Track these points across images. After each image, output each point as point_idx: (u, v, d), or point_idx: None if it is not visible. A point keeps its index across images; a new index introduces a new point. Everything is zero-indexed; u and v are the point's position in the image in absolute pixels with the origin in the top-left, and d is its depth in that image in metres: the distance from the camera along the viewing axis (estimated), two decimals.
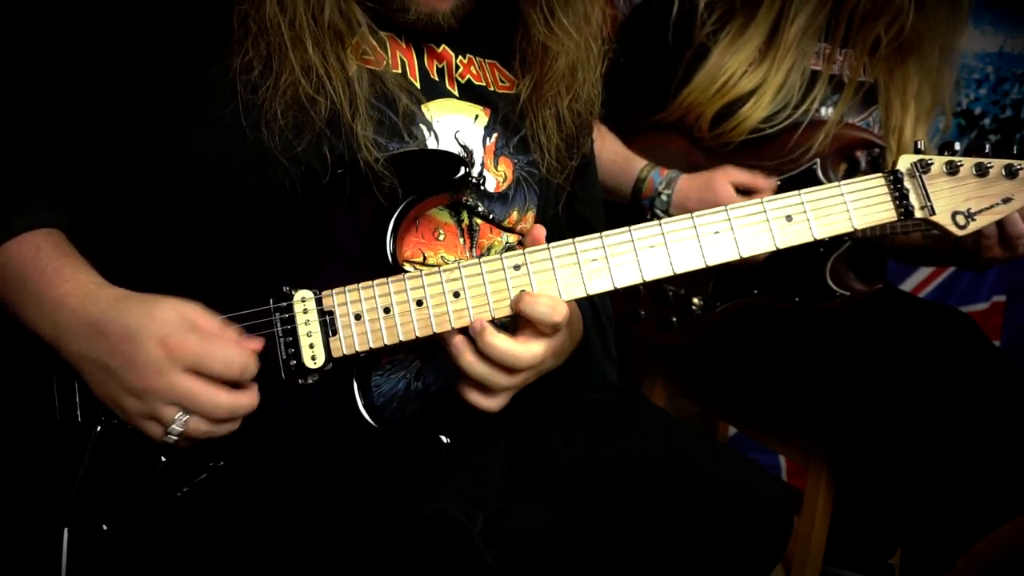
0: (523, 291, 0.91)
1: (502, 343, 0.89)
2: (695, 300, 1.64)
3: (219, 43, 0.91)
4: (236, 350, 0.85)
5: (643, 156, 1.62)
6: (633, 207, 1.61)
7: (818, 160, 1.57)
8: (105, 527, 0.88)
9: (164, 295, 0.86)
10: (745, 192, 1.54)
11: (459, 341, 0.91)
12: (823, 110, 1.62)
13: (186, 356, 0.82)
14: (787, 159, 1.57)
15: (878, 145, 1.62)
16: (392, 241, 0.93)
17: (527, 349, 0.91)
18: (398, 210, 0.94)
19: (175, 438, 0.83)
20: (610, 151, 1.60)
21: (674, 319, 1.65)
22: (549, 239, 1.08)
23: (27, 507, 0.89)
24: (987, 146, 0.99)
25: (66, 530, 0.87)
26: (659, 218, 1.56)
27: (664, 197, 1.56)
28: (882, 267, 1.84)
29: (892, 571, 1.73)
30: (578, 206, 1.22)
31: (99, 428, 0.89)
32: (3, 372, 0.92)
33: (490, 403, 0.93)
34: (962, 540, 1.58)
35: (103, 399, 0.85)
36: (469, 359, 0.90)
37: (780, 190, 1.57)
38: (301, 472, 0.91)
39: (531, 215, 1.12)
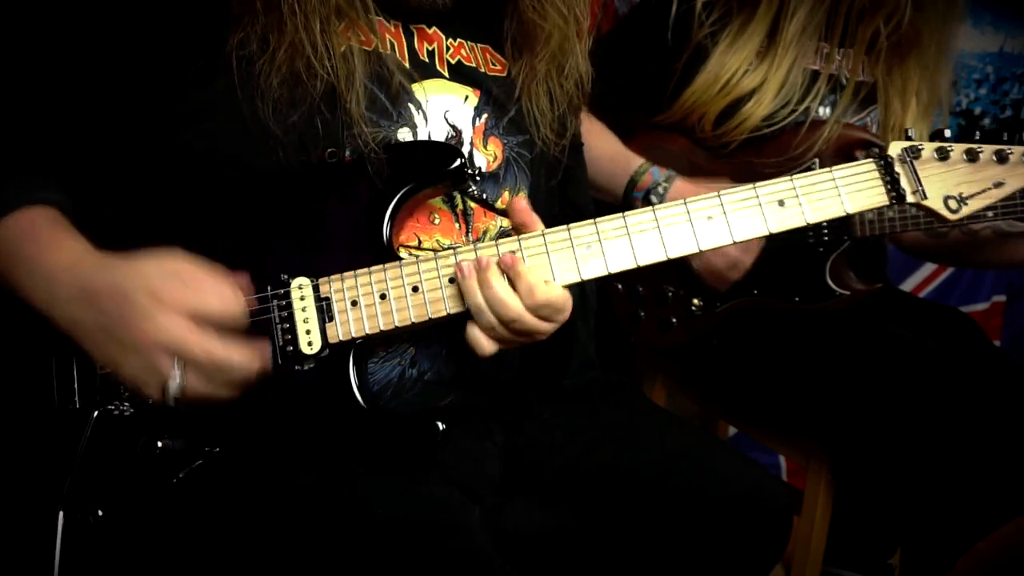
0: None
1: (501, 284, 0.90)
2: (695, 301, 1.63)
3: (216, 20, 0.92)
4: (227, 286, 0.85)
5: (643, 156, 1.61)
6: (623, 203, 1.61)
7: (817, 160, 1.57)
8: (100, 512, 0.88)
9: (154, 252, 0.86)
10: None
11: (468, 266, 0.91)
12: (822, 109, 1.62)
13: (176, 301, 0.82)
14: (787, 159, 1.57)
15: (877, 145, 1.61)
16: (389, 228, 0.94)
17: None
18: (395, 199, 0.95)
19: (176, 394, 0.82)
20: (609, 149, 1.60)
21: (674, 320, 1.65)
22: (546, 211, 1.07)
23: (23, 491, 0.90)
24: (977, 133, 1.01)
25: (61, 514, 0.87)
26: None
27: (660, 190, 1.56)
28: (882, 267, 1.84)
29: (892, 571, 1.73)
30: (570, 189, 1.24)
31: (96, 414, 0.90)
32: (2, 357, 0.93)
33: (491, 348, 0.92)
34: (962, 540, 1.59)
35: (104, 363, 0.86)
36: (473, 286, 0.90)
37: None
38: (297, 459, 0.91)
39: (523, 195, 1.12)
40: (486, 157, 1.09)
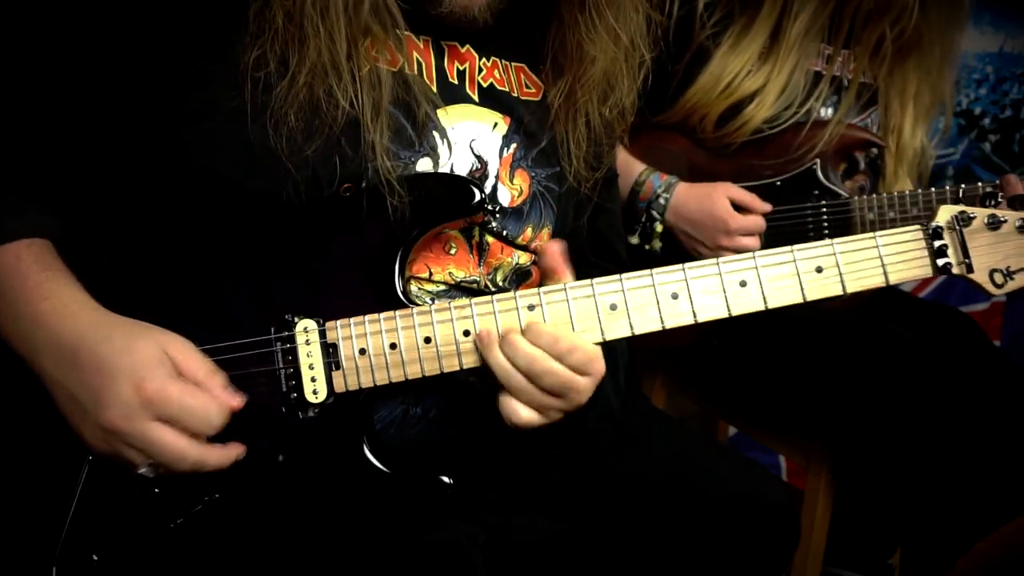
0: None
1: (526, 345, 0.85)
2: None
3: (231, 37, 0.86)
4: (217, 406, 0.80)
5: (644, 156, 1.61)
6: (628, 210, 1.60)
7: (818, 160, 1.57)
8: (96, 557, 0.84)
9: (149, 325, 0.82)
10: (740, 210, 1.54)
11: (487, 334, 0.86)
12: (823, 111, 1.62)
13: (162, 406, 0.77)
14: (788, 159, 1.57)
15: (877, 145, 1.62)
16: (401, 278, 0.89)
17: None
18: (407, 239, 0.90)
19: (142, 475, 0.81)
20: None
21: None
22: (572, 246, 1.00)
23: (16, 538, 0.85)
24: None
25: (55, 568, 0.83)
26: (655, 221, 1.57)
27: (662, 201, 1.56)
28: None
29: (892, 571, 1.73)
30: (600, 222, 1.18)
31: (91, 457, 0.85)
32: None
33: (528, 416, 0.88)
34: (962, 540, 1.59)
35: (70, 425, 0.82)
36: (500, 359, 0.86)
37: (780, 190, 1.57)
38: (298, 506, 0.88)
39: (546, 232, 1.06)
40: (511, 191, 1.02)
